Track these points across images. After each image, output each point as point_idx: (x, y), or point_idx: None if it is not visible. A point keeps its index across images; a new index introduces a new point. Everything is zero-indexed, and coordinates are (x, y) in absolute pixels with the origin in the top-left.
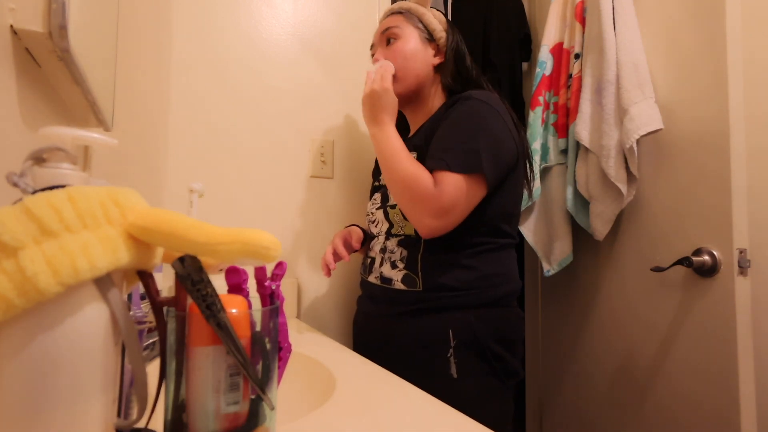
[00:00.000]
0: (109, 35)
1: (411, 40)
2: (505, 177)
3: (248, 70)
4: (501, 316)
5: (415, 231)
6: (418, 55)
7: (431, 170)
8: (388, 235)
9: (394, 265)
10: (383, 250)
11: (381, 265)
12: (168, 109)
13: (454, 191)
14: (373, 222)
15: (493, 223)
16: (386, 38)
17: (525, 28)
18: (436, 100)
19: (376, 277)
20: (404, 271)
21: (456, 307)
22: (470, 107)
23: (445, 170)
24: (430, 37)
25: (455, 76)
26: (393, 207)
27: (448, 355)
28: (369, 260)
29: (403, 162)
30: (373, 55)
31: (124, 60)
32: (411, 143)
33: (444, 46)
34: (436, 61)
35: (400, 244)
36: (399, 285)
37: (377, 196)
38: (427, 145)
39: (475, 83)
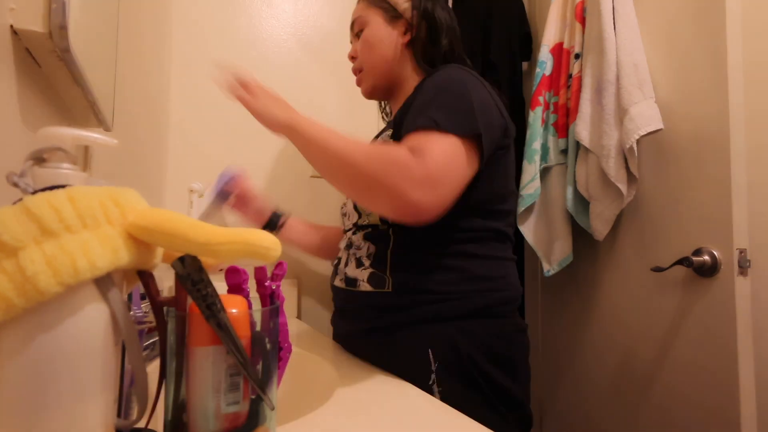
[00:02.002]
0: (109, 35)
1: (374, 25)
2: (492, 154)
3: (248, 69)
4: (493, 329)
5: (381, 219)
6: (384, 39)
7: (408, 132)
8: (356, 228)
9: (359, 263)
10: (349, 246)
11: (346, 264)
12: (168, 109)
13: (443, 156)
14: (345, 215)
15: (481, 209)
16: (354, 32)
17: (525, 28)
18: (411, 80)
19: (341, 279)
20: (371, 270)
21: (435, 318)
22: (449, 73)
23: (432, 130)
24: (395, 14)
25: (428, 48)
26: None
27: (430, 382)
28: (336, 260)
29: (351, 141)
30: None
31: (124, 60)
32: (389, 126)
33: (411, 18)
34: (407, 38)
35: (366, 237)
36: (365, 286)
37: None
38: (402, 121)
39: (454, 56)
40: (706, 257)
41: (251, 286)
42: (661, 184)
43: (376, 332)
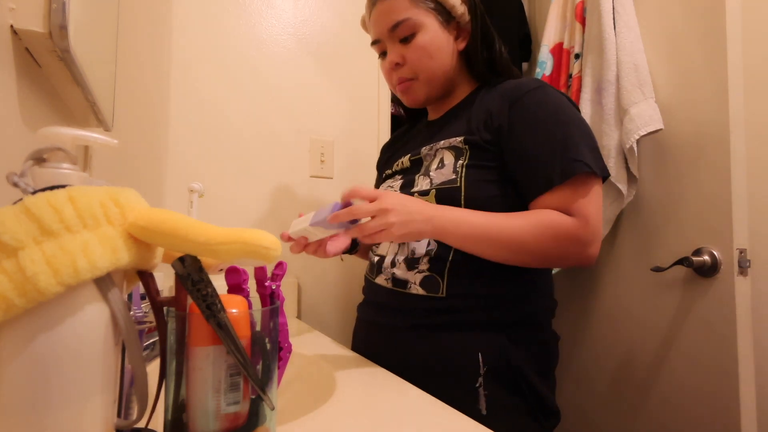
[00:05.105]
0: (110, 35)
1: (431, 30)
2: None
3: (248, 69)
4: (540, 339)
5: None
6: (443, 47)
7: (559, 182)
8: None
9: (412, 265)
10: (400, 245)
11: (393, 264)
12: (168, 109)
13: (599, 210)
14: None
15: None
16: (399, 36)
17: (525, 28)
18: (461, 88)
19: (386, 279)
20: (426, 273)
21: (486, 324)
22: (558, 100)
23: (591, 175)
24: (448, 17)
25: (483, 56)
26: (424, 194)
27: (477, 385)
28: (377, 258)
29: (510, 223)
30: (384, 53)
31: (124, 60)
32: (430, 125)
33: (467, 24)
34: (461, 45)
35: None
36: (416, 289)
37: (393, 183)
38: (451, 125)
39: (504, 63)
40: (706, 257)
41: (251, 286)
42: (661, 184)
43: (422, 329)
